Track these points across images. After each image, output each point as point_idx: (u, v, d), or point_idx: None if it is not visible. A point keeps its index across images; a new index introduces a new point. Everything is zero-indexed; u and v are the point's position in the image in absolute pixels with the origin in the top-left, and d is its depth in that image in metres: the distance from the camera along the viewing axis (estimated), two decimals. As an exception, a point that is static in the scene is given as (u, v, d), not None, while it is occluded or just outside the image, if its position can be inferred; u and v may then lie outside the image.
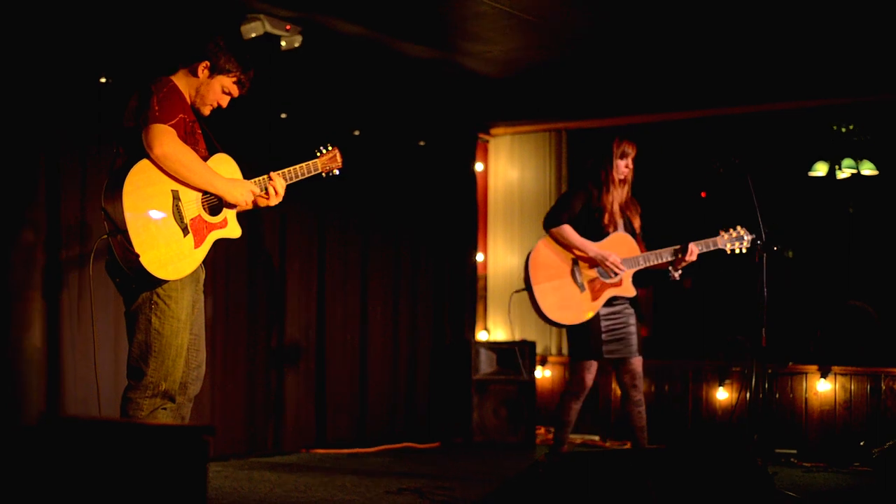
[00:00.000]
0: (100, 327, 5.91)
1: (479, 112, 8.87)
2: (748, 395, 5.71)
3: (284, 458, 7.01)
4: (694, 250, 5.92)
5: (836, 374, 7.33)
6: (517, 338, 8.60)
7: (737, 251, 6.01)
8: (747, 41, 7.05)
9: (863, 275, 9.55)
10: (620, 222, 6.09)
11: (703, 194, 11.34)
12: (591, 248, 5.98)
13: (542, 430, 8.19)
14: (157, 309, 4.26)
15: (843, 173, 9.44)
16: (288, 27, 6.57)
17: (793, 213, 9.62)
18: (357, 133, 7.79)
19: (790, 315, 8.36)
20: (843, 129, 9.32)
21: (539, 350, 8.44)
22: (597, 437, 8.22)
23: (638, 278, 6.12)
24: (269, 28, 6.46)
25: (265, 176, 4.61)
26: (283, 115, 7.26)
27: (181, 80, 4.46)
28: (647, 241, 6.18)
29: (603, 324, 5.99)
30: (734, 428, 7.27)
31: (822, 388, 7.31)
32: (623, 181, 6.10)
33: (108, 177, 4.24)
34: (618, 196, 6.09)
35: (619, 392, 8.09)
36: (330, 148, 4.90)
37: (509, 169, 9.09)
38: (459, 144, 8.85)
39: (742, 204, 5.78)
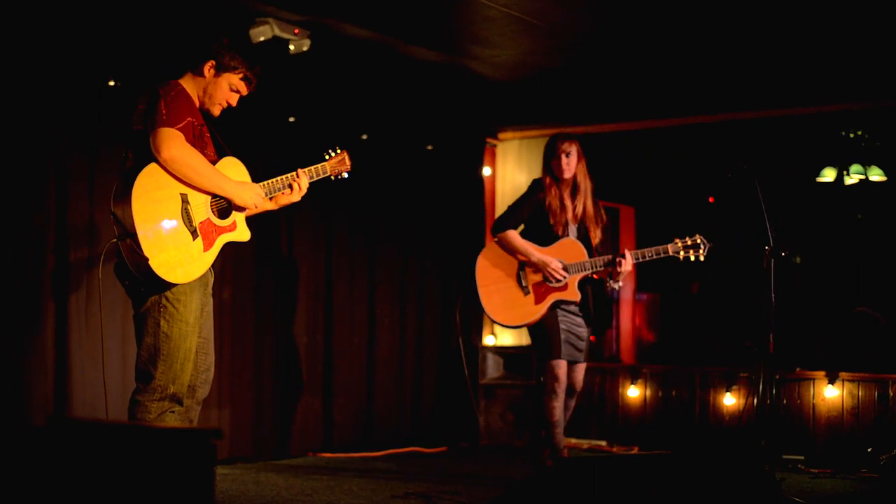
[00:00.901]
0: (108, 330, 5.92)
1: (487, 116, 8.87)
2: (755, 400, 5.69)
3: (291, 462, 7.02)
4: (628, 259, 5.90)
5: (843, 380, 7.31)
6: (525, 343, 8.59)
7: (691, 258, 5.95)
8: (756, 46, 7.04)
9: (871, 281, 9.54)
10: (573, 226, 6.08)
11: (710, 199, 11.34)
12: (534, 253, 6.01)
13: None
14: (166, 312, 4.26)
15: (852, 179, 9.44)
16: (296, 31, 6.58)
17: (801, 218, 9.62)
18: (365, 137, 7.80)
19: (798, 321, 8.35)
20: (852, 135, 9.32)
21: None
22: (604, 443, 8.21)
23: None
24: (277, 32, 6.46)
25: (293, 173, 4.65)
26: (292, 119, 7.27)
27: (189, 83, 4.47)
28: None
29: (560, 321, 6.02)
30: (741, 433, 7.25)
31: (830, 394, 7.30)
32: (566, 180, 6.05)
33: (116, 180, 4.25)
34: (559, 199, 6.07)
35: (627, 398, 8.11)
36: (339, 151, 4.92)
37: (517, 173, 9.08)
38: (467, 148, 8.85)
39: (750, 209, 5.77)
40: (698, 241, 5.95)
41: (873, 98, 7.70)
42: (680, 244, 5.95)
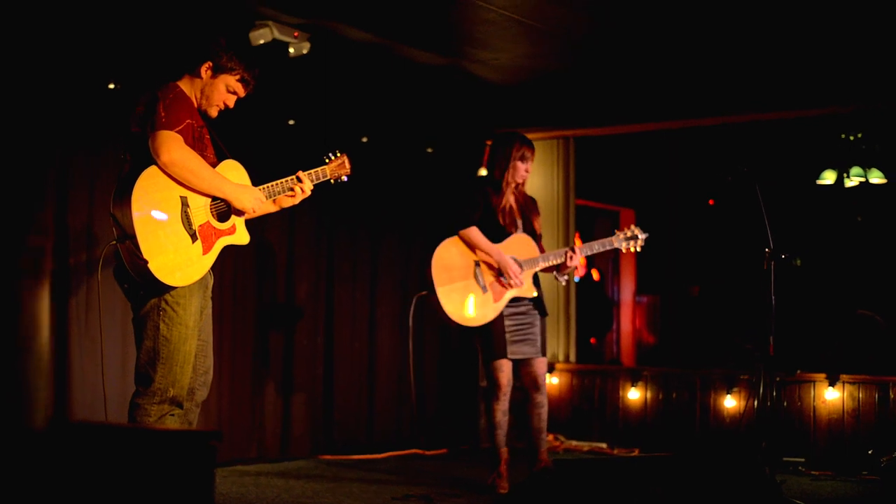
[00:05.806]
0: (107, 333, 5.92)
1: (487, 119, 8.87)
2: (756, 403, 5.70)
3: (292, 464, 7.01)
4: (577, 254, 6.02)
5: (844, 382, 7.31)
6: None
7: (632, 249, 6.15)
8: (756, 49, 7.04)
9: (871, 283, 9.54)
10: (520, 222, 6.09)
11: (711, 202, 11.35)
12: (496, 252, 5.94)
13: (549, 437, 8.18)
14: (165, 315, 4.26)
15: (852, 181, 9.45)
16: (296, 34, 6.58)
17: (801, 221, 9.63)
18: (365, 140, 7.80)
19: (798, 323, 8.35)
20: (852, 138, 9.33)
21: (547, 357, 8.42)
22: (604, 445, 8.20)
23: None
24: (277, 35, 6.46)
25: (293, 177, 4.64)
26: (291, 122, 7.27)
27: (187, 85, 4.47)
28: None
29: (506, 323, 6.00)
30: (742, 436, 7.25)
31: (831, 396, 7.29)
32: (521, 183, 6.12)
33: (116, 183, 4.25)
34: (513, 197, 6.09)
35: (627, 400, 8.11)
36: (339, 154, 4.91)
37: (517, 176, 9.07)
38: (467, 151, 8.84)
39: (750, 212, 5.77)
40: (636, 232, 6.13)
41: (873, 100, 7.70)
42: (621, 236, 6.13)
